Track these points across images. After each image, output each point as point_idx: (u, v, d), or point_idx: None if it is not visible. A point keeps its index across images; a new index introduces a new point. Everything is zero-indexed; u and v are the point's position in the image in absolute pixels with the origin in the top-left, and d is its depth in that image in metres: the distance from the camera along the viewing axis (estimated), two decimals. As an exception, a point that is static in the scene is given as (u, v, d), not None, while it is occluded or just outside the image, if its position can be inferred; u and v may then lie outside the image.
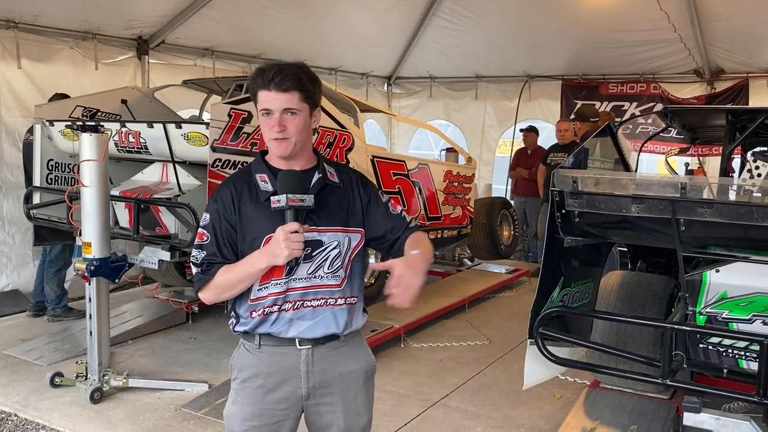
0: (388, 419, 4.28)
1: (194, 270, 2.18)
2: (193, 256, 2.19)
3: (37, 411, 4.28)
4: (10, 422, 4.19)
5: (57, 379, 4.61)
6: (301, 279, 2.16)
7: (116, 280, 4.64)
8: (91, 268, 4.40)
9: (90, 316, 4.54)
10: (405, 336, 5.78)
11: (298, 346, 2.18)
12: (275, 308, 2.16)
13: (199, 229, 2.19)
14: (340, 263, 2.20)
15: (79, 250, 5.16)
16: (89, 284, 4.51)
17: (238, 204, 2.15)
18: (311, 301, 2.17)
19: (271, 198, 2.07)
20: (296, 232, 2.03)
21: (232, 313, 2.25)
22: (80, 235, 4.54)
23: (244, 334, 2.23)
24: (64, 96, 6.03)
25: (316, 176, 2.20)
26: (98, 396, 4.41)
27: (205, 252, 2.15)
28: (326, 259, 2.18)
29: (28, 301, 6.61)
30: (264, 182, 2.16)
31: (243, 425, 2.20)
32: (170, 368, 5.07)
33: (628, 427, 3.78)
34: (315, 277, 2.17)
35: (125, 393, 4.54)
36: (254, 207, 2.15)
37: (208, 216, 2.18)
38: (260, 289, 2.15)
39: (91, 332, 4.53)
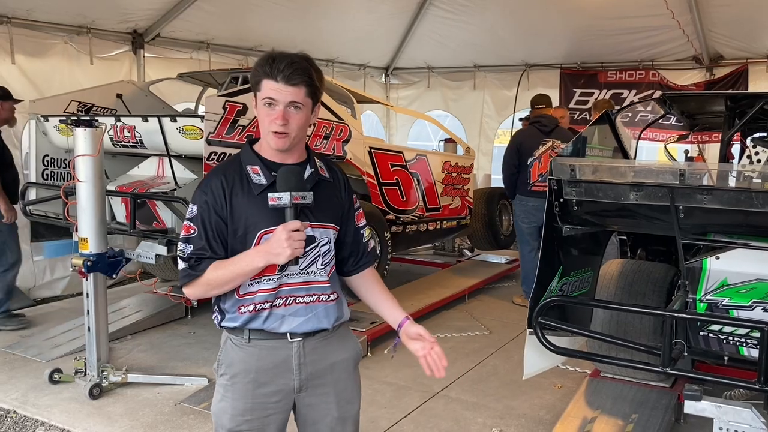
0: (389, 411, 4.27)
1: (181, 264, 2.10)
2: (179, 249, 2.10)
3: (36, 408, 4.27)
4: (9, 419, 4.17)
5: (56, 376, 4.59)
6: (294, 275, 2.12)
7: (113, 276, 4.61)
8: (88, 263, 4.38)
9: (88, 311, 4.52)
10: (405, 327, 5.76)
11: (290, 339, 2.15)
12: (267, 305, 2.11)
13: (186, 222, 2.11)
14: (329, 259, 2.19)
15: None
16: (86, 280, 4.48)
17: (229, 196, 2.07)
18: (304, 297, 2.14)
19: (270, 194, 2.01)
20: (297, 230, 1.99)
21: (216, 308, 2.19)
22: (77, 230, 4.51)
23: (231, 330, 2.18)
24: (3, 91, 5.83)
25: (309, 170, 2.16)
26: (97, 392, 4.40)
27: (192, 246, 2.07)
28: (318, 255, 2.15)
29: (27, 298, 6.60)
30: (257, 175, 2.10)
31: (234, 420, 2.16)
32: (169, 363, 5.06)
33: (629, 416, 3.77)
34: (308, 273, 2.14)
35: (124, 388, 4.52)
36: (246, 200, 2.08)
37: (195, 208, 2.09)
38: (250, 285, 2.10)
39: (89, 328, 4.51)
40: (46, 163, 5.58)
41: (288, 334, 2.14)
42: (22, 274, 6.61)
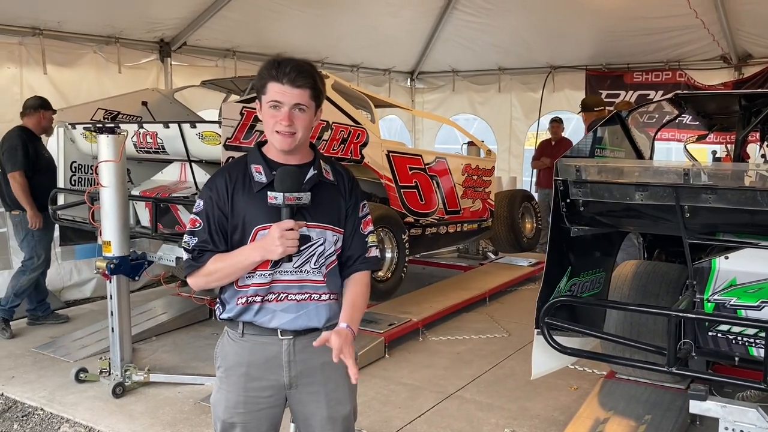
0: (403, 411, 4.31)
1: (185, 256, 2.21)
2: (184, 241, 2.21)
3: (62, 405, 4.41)
4: (36, 416, 4.33)
5: (82, 375, 4.75)
6: (288, 272, 2.19)
7: (136, 278, 4.74)
8: (111, 266, 4.51)
9: (111, 313, 4.65)
10: (423, 329, 5.79)
11: (280, 336, 2.22)
12: (258, 298, 2.19)
13: (192, 215, 2.22)
14: (325, 260, 2.24)
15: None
16: (110, 282, 4.62)
17: (231, 193, 2.18)
18: (296, 294, 2.21)
19: (268, 194, 2.10)
20: (291, 229, 2.06)
21: (218, 300, 2.29)
22: (101, 234, 4.66)
23: (228, 322, 2.27)
24: (44, 101, 6.00)
25: (312, 172, 2.23)
26: (120, 391, 4.53)
27: (197, 239, 2.18)
28: (313, 255, 2.21)
29: (58, 300, 6.80)
30: (258, 173, 2.19)
31: (228, 412, 2.23)
32: (191, 363, 5.18)
33: (642, 417, 3.75)
34: (301, 271, 2.20)
35: (146, 387, 4.65)
36: (247, 197, 2.17)
37: (201, 203, 2.20)
38: (247, 277, 2.19)
39: (112, 329, 4.64)
40: (73, 170, 5.76)
41: (278, 331, 2.21)
42: (50, 277, 6.79)
